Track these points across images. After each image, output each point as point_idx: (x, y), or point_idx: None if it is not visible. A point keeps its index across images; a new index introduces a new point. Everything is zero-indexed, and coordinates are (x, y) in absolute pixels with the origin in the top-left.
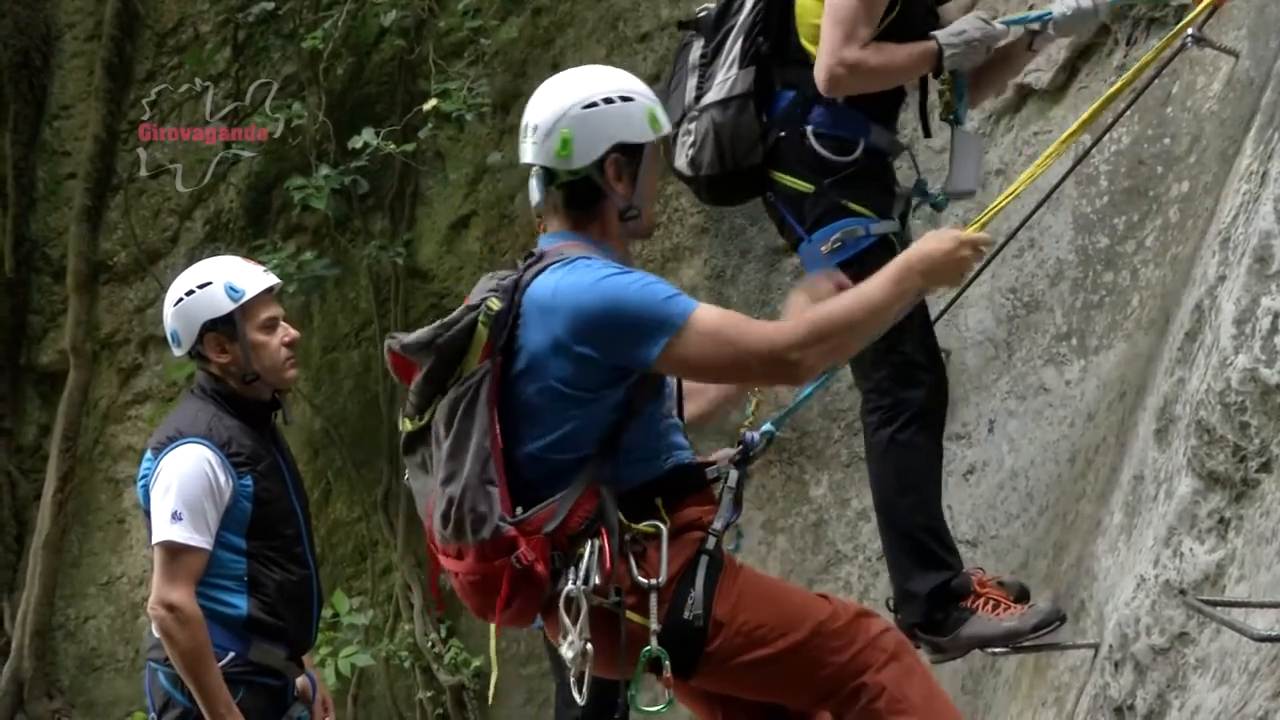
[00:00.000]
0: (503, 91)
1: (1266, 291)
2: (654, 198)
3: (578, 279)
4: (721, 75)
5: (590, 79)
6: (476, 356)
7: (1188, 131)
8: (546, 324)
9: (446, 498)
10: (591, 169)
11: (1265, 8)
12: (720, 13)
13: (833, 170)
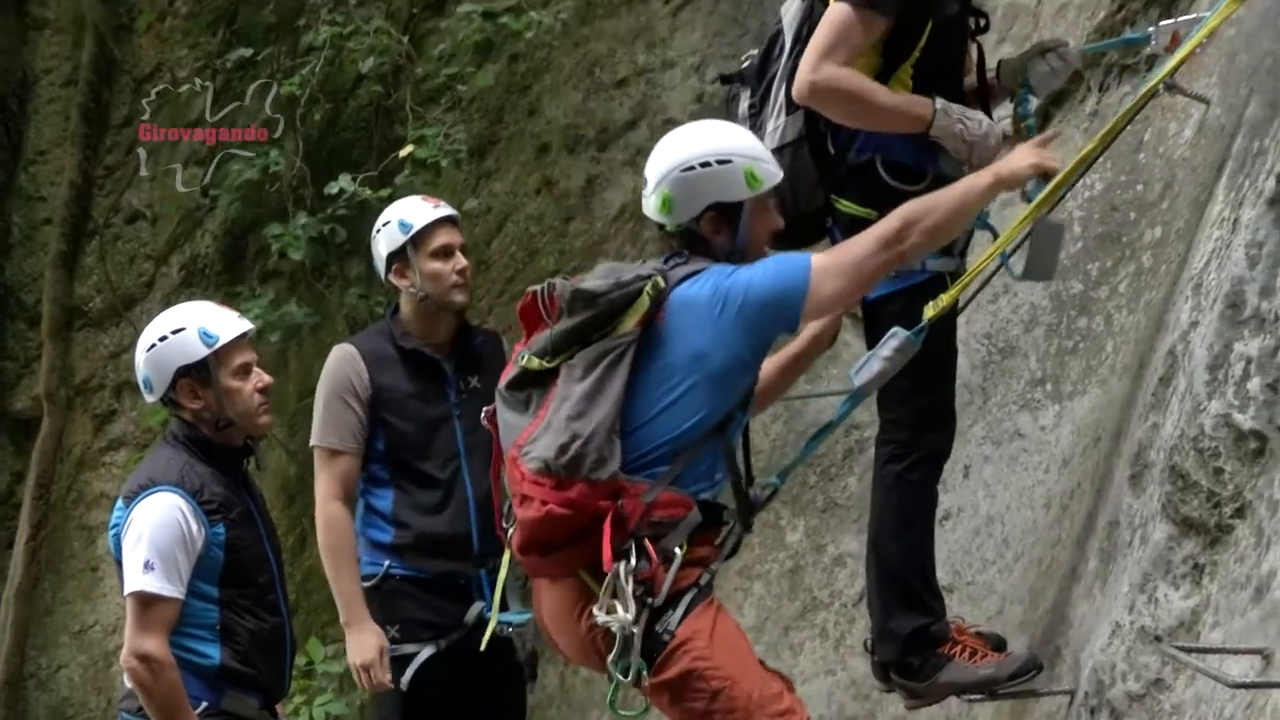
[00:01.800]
0: (479, 137)
1: (1239, 337)
2: (763, 240)
3: (719, 281)
4: (771, 124)
5: (693, 141)
6: (633, 320)
7: (1160, 178)
8: (704, 323)
9: (571, 432)
10: (691, 224)
11: (1235, 56)
12: (762, 60)
13: (898, 198)
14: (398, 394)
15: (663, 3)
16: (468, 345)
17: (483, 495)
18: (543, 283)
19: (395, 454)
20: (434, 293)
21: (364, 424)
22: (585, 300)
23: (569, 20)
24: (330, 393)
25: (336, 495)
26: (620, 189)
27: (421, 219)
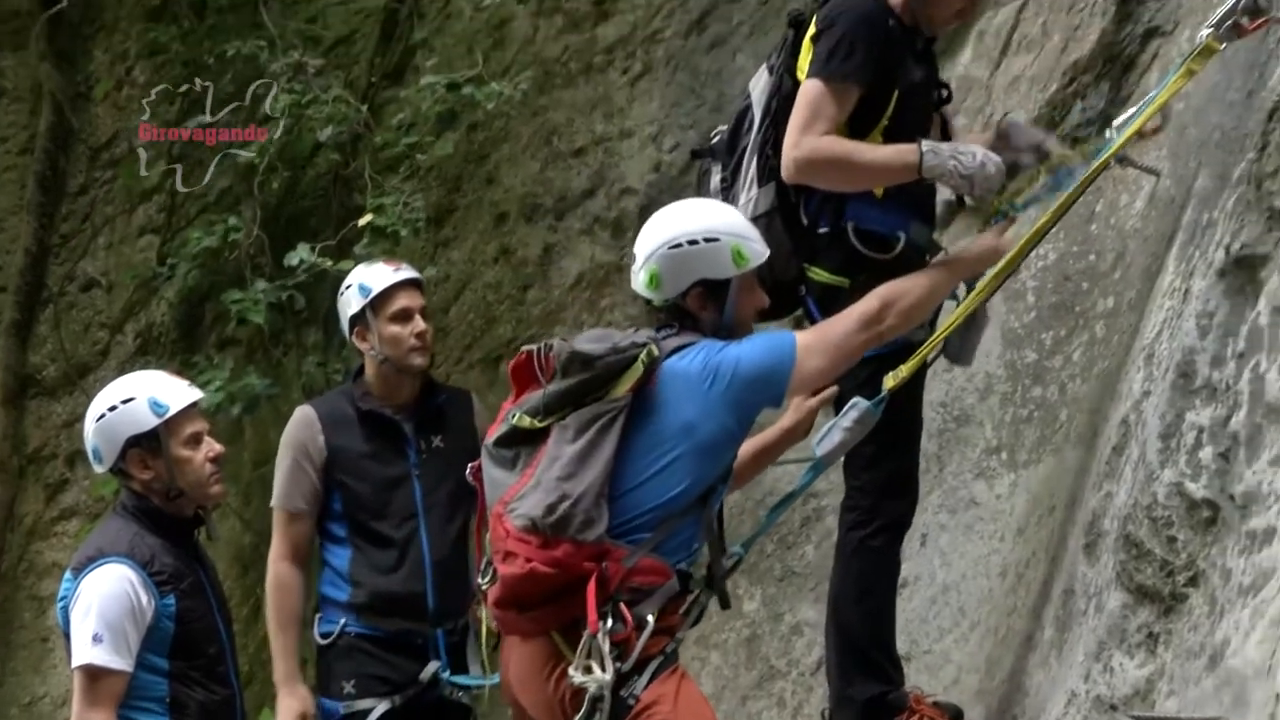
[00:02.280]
0: (437, 205)
1: (1191, 406)
2: (751, 314)
3: (710, 355)
4: (744, 196)
5: (681, 218)
6: (625, 386)
7: (1112, 248)
8: (693, 396)
9: (560, 492)
10: (678, 299)
11: (1185, 129)
12: (732, 135)
13: (870, 266)
14: (353, 454)
15: (620, 73)
16: (431, 406)
17: (440, 555)
18: (538, 342)
19: (351, 514)
20: (393, 355)
21: (318, 486)
22: (582, 362)
23: (528, 90)
24: (287, 455)
25: (286, 556)
26: (578, 257)
27: (381, 282)
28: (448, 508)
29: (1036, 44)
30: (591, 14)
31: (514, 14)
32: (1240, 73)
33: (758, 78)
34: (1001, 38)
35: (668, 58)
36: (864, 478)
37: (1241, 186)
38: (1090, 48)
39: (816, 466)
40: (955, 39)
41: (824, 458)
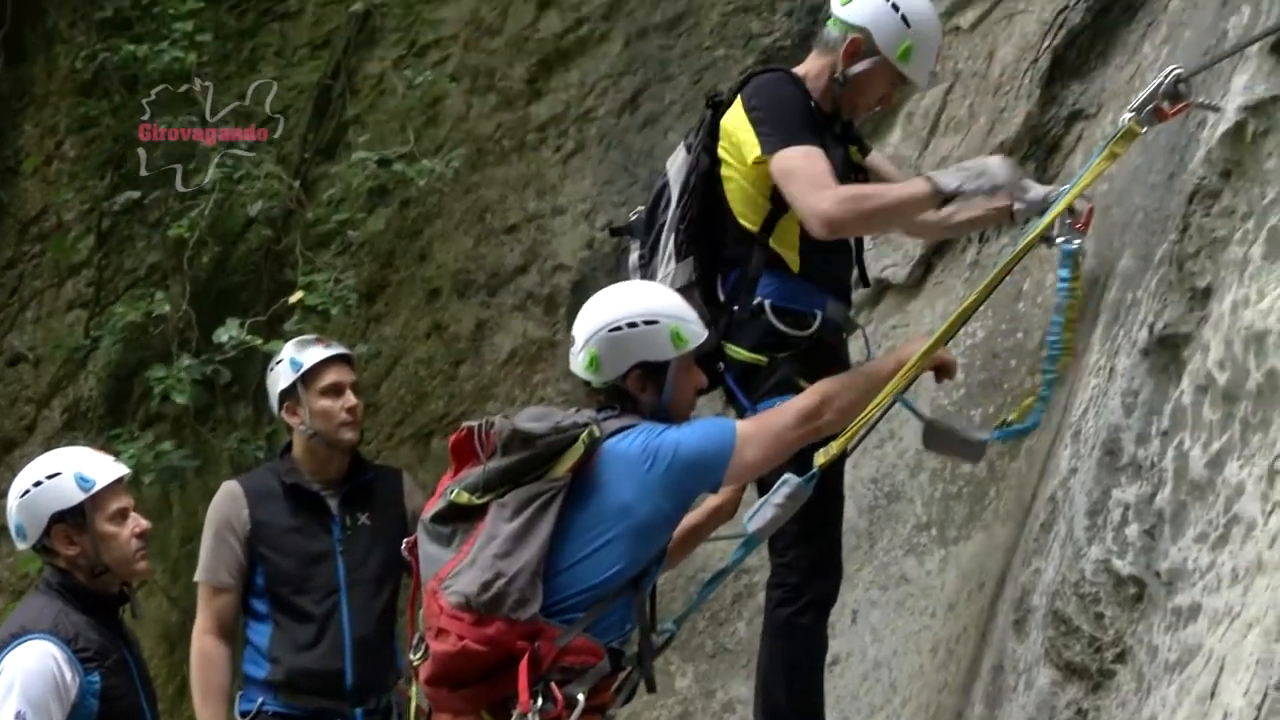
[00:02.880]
0: (369, 281)
1: (1116, 484)
2: (690, 395)
3: (650, 438)
4: (662, 271)
5: (620, 301)
6: (565, 466)
7: (1039, 326)
8: (632, 477)
9: (496, 570)
10: (617, 381)
11: (1108, 210)
12: (649, 212)
13: (788, 344)
14: (276, 529)
15: (553, 151)
16: (358, 482)
17: (362, 632)
18: (479, 419)
19: (273, 589)
20: (323, 430)
21: (242, 560)
22: (523, 441)
23: (460, 167)
24: (211, 530)
25: (209, 630)
26: (510, 333)
27: (312, 357)
28: (372, 584)
29: (964, 125)
30: (525, 92)
31: (447, 92)
32: (1161, 156)
33: (675, 156)
34: (929, 119)
35: (600, 136)
36: (790, 555)
37: (1164, 267)
38: (1016, 130)
39: (749, 543)
40: (884, 120)
41: (756, 534)
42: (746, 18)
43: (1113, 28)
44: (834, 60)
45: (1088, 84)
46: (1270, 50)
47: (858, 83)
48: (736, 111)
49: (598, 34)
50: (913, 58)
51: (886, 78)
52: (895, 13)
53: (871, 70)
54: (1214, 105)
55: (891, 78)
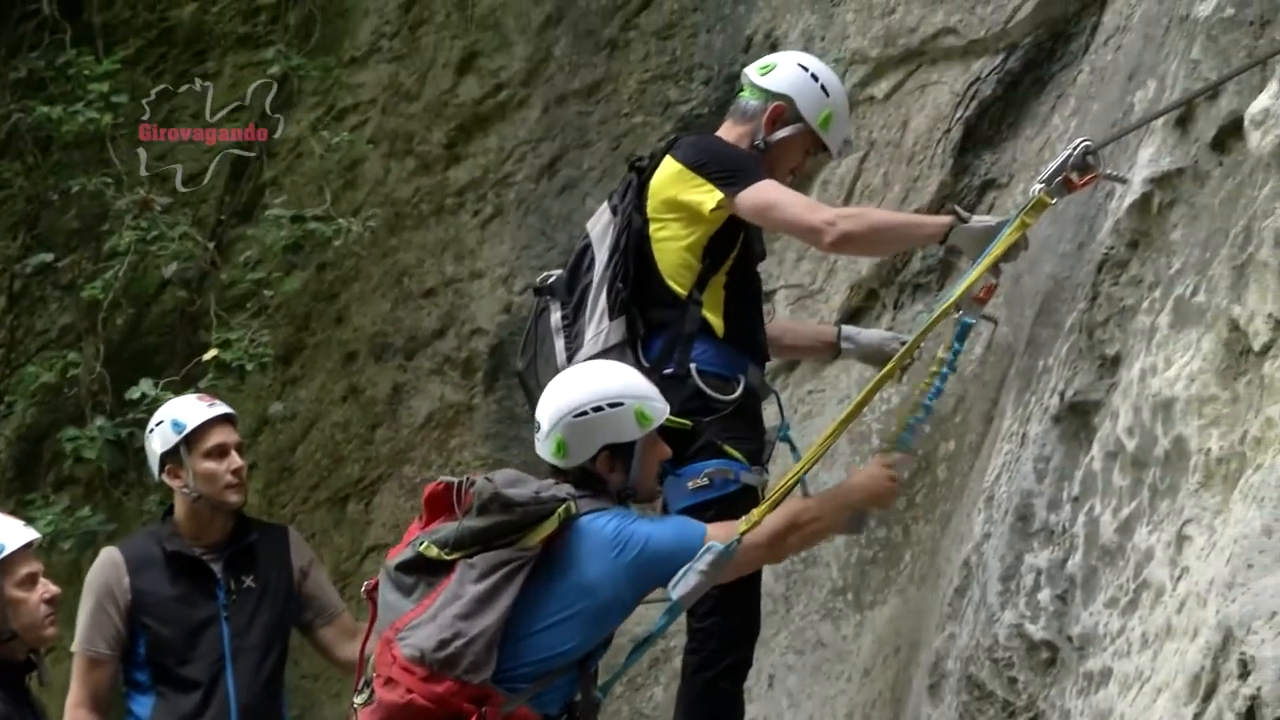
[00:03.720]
0: (286, 344)
1: (1029, 549)
2: (654, 471)
3: (624, 525)
4: (592, 330)
5: (584, 385)
6: (538, 537)
7: (953, 393)
8: (600, 559)
9: (455, 630)
10: (586, 464)
11: (1020, 278)
12: (571, 273)
13: (713, 409)
14: (158, 597)
15: (471, 215)
16: (242, 545)
17: (248, 699)
18: (461, 475)
19: (156, 658)
20: (208, 493)
21: (122, 630)
22: (503, 505)
23: (378, 230)
24: (90, 598)
25: (83, 703)
26: (427, 397)
27: (195, 418)
28: (258, 650)
29: (878, 193)
30: (443, 157)
31: (365, 155)
32: (1071, 226)
33: (597, 217)
34: (845, 186)
35: (519, 201)
36: (710, 621)
37: (1074, 335)
38: (930, 198)
39: (672, 609)
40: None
41: (681, 600)
42: (664, 85)
43: (1023, 100)
44: (754, 127)
45: (999, 154)
46: (1174, 124)
47: (778, 149)
48: (672, 171)
49: (516, 100)
50: (831, 126)
51: (803, 146)
52: (815, 82)
53: (792, 137)
54: (1121, 177)
55: (807, 146)
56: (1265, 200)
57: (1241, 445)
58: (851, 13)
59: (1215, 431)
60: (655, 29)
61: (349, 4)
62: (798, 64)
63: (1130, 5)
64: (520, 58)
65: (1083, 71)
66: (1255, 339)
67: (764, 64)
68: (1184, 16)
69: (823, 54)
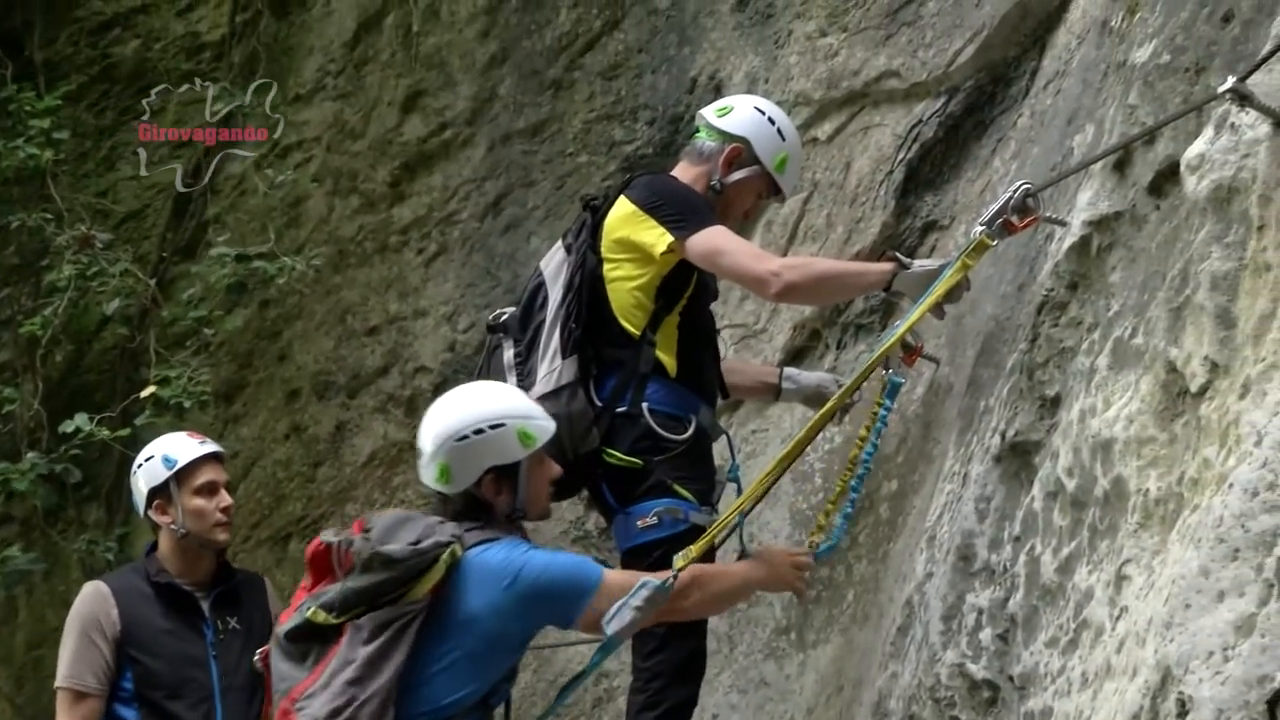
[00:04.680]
0: (227, 381)
1: (970, 589)
2: (546, 488)
3: (513, 555)
4: (545, 368)
5: (463, 408)
6: (425, 588)
7: (895, 433)
8: (487, 590)
9: (348, 696)
10: (471, 489)
11: (961, 319)
12: (525, 310)
13: (664, 448)
14: (149, 630)
15: (415, 253)
16: (227, 585)
17: None
18: (335, 530)
19: (144, 693)
20: (197, 530)
21: (110, 664)
22: (383, 563)
23: (321, 267)
24: (75, 630)
25: None
26: (370, 435)
27: (186, 455)
28: (246, 691)
29: (821, 234)
30: (388, 195)
31: (309, 193)
32: (1011, 267)
33: (551, 255)
34: (788, 228)
35: (463, 239)
36: (654, 660)
37: (1015, 376)
38: (872, 239)
39: (607, 646)
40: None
41: (615, 636)
42: (609, 125)
43: (964, 142)
44: (710, 169)
45: (941, 196)
46: (1113, 168)
47: (733, 191)
48: (625, 211)
49: (461, 138)
50: (787, 169)
51: (757, 188)
52: (772, 125)
53: (748, 179)
54: (1061, 220)
55: (761, 188)
56: (1201, 244)
57: (1179, 486)
58: (795, 55)
59: (1153, 472)
60: (600, 69)
61: (294, 41)
62: (755, 107)
63: (1069, 50)
64: (465, 97)
65: (1023, 115)
66: (1192, 381)
67: (721, 106)
68: (1121, 62)
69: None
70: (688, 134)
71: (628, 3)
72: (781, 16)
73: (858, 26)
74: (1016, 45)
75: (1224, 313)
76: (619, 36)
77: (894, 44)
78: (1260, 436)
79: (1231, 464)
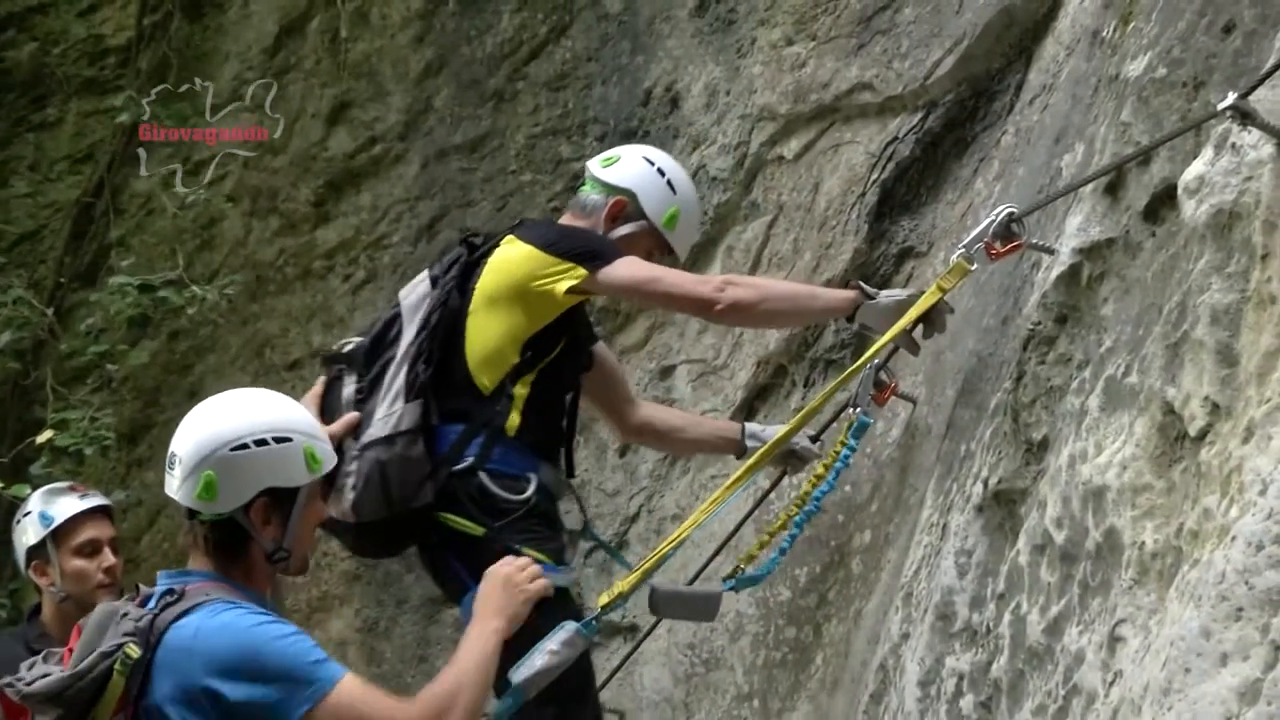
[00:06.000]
0: (131, 421)
1: (950, 651)
2: (313, 533)
3: (223, 623)
4: (384, 410)
5: (244, 412)
6: (109, 709)
7: (869, 479)
8: (182, 671)
9: None
10: (237, 513)
11: (941, 354)
12: (374, 344)
13: (504, 510)
14: None
15: (341, 280)
16: None
17: None
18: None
19: None
20: (77, 593)
21: None
22: (47, 701)
23: (237, 296)
24: None
25: None
26: None
27: (65, 511)
28: None
29: (788, 261)
30: (311, 216)
31: (224, 213)
32: (995, 298)
33: (413, 287)
34: (751, 254)
35: (394, 265)
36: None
37: (999, 417)
38: (843, 267)
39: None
40: (702, 254)
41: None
42: (555, 141)
43: (944, 162)
44: (594, 223)
45: (918, 220)
46: (1104, 191)
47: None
48: (518, 253)
49: (393, 154)
50: (678, 224)
51: (645, 245)
52: (661, 177)
53: (634, 235)
54: (1048, 247)
55: (651, 246)
56: (1200, 274)
57: (1177, 539)
58: (759, 65)
59: (1150, 523)
60: (546, 80)
61: (208, 46)
62: (643, 157)
63: (1057, 63)
64: (397, 109)
65: (1007, 132)
66: (1191, 423)
67: (607, 156)
68: (1114, 76)
69: (728, 109)
70: None
71: (576, 7)
72: (744, 23)
73: (827, 35)
74: (1000, 56)
75: (1225, 349)
76: (566, 44)
77: (867, 54)
78: (1265, 484)
79: (1234, 514)
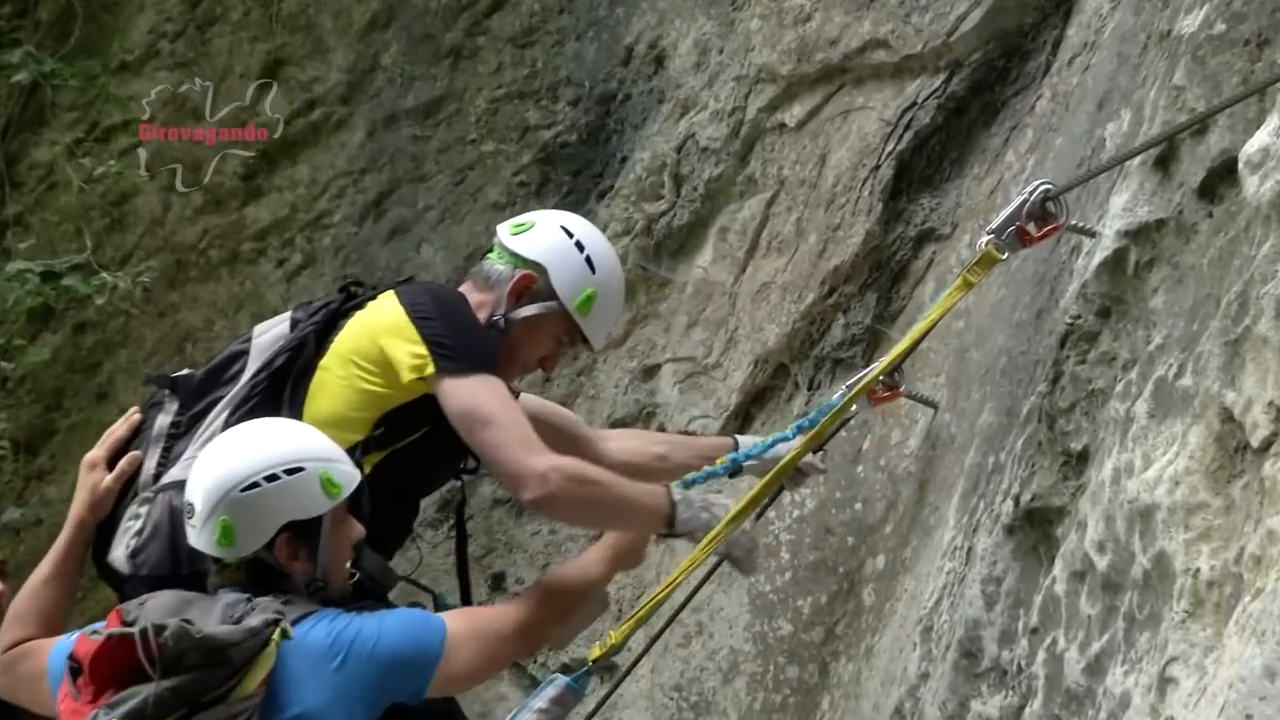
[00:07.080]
0: (30, 428)
1: (976, 694)
2: (347, 555)
3: (337, 629)
4: (194, 451)
5: (249, 450)
6: (257, 679)
7: (882, 496)
8: (315, 677)
9: None
10: (261, 553)
11: (966, 353)
12: (208, 375)
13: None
14: None
15: (274, 265)
16: None
17: None
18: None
19: None
20: None
21: None
22: (209, 652)
23: (153, 283)
24: None
25: None
26: None
27: None
28: None
29: (790, 245)
30: (239, 191)
31: (138, 188)
32: (1029, 289)
33: (272, 324)
34: (748, 236)
35: (336, 247)
36: None
37: (1031, 425)
38: (854, 251)
39: None
40: (691, 237)
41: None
42: (522, 105)
43: (969, 131)
44: (495, 298)
45: (940, 198)
46: (1154, 165)
47: (521, 331)
48: (390, 315)
49: (334, 120)
50: (593, 309)
51: (555, 331)
52: (579, 252)
53: (541, 318)
54: (1089, 229)
55: (561, 332)
56: (1264, 261)
57: (1237, 565)
58: (757, 19)
59: (1205, 548)
60: (511, 35)
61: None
62: (560, 226)
63: (1100, 17)
64: (339, 67)
65: (1042, 97)
66: (1253, 432)
67: (519, 222)
68: (1166, 32)
69: (721, 69)
70: (619, 119)
71: None
72: None
73: None
74: (1035, 9)
75: None
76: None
77: (881, 6)
78: None
79: None
